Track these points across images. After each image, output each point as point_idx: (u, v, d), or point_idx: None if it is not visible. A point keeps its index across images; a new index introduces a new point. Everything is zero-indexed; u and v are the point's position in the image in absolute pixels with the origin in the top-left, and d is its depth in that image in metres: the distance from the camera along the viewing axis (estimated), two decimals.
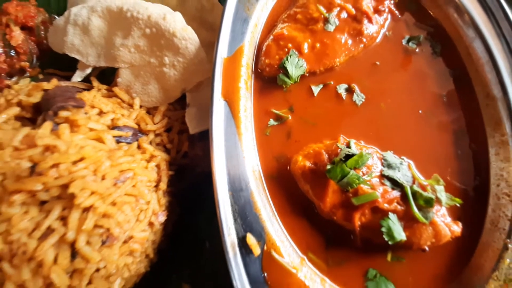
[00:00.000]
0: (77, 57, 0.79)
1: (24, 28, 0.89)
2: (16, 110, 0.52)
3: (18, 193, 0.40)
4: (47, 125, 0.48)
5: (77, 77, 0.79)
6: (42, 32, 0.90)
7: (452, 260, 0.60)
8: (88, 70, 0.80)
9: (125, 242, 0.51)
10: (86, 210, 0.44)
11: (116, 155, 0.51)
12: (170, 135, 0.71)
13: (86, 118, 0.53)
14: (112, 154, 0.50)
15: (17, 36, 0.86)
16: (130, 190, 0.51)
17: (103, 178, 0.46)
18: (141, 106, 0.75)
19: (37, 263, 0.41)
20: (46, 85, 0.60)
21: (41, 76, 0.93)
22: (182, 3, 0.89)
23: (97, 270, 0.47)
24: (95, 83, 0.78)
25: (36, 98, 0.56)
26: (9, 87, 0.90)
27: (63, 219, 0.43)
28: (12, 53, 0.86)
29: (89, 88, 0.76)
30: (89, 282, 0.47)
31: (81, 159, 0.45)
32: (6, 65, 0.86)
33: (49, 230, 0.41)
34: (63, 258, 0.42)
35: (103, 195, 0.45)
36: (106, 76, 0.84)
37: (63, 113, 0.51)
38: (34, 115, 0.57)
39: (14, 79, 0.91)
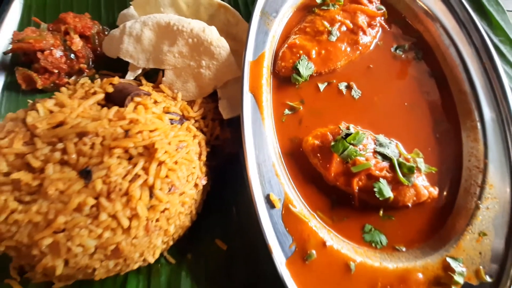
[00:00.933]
0: (130, 60, 1.00)
1: (81, 36, 1.11)
2: (101, 96, 0.70)
3: (116, 148, 0.58)
4: (132, 105, 0.66)
5: (130, 76, 0.99)
6: (97, 41, 1.12)
7: (433, 218, 0.75)
8: (139, 71, 1.00)
9: (180, 194, 0.67)
10: (160, 164, 0.61)
11: (175, 129, 0.69)
12: (205, 121, 0.89)
13: (152, 103, 0.72)
14: (173, 129, 0.68)
15: (77, 42, 1.06)
16: (185, 155, 0.68)
17: (169, 143, 0.64)
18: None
19: (127, 198, 0.57)
20: (113, 80, 0.78)
21: (96, 76, 1.14)
22: (212, 18, 1.10)
23: (163, 211, 0.64)
24: (144, 81, 0.97)
25: (110, 89, 0.74)
26: (68, 84, 1.11)
27: (145, 170, 0.60)
28: (72, 56, 1.07)
29: (139, 85, 0.95)
30: (157, 220, 0.64)
31: (155, 129, 0.63)
32: (66, 66, 1.07)
33: (136, 176, 0.58)
34: (145, 196, 0.58)
35: (170, 155, 0.63)
36: (149, 76, 1.04)
37: (137, 99, 0.70)
38: (106, 102, 0.76)
39: (73, 78, 1.12)
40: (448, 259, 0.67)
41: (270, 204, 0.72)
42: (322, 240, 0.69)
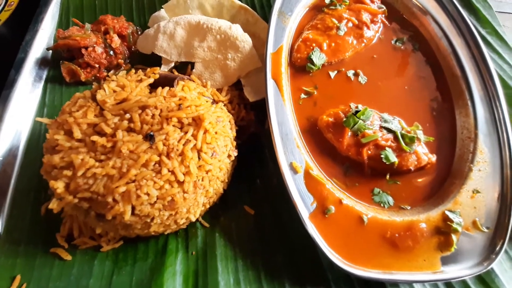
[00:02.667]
0: (163, 55, 1.14)
1: (118, 35, 1.25)
2: (151, 80, 0.83)
3: (172, 118, 0.71)
4: (180, 85, 0.79)
5: (164, 68, 1.13)
6: (131, 39, 1.26)
7: (433, 181, 0.88)
8: (171, 65, 1.14)
9: (218, 161, 0.80)
10: (205, 132, 0.74)
11: (213, 107, 0.82)
12: (232, 105, 1.02)
13: (193, 85, 0.85)
14: (211, 106, 0.81)
15: (116, 40, 1.21)
16: (222, 128, 0.81)
17: (210, 116, 0.77)
18: None
19: (182, 158, 0.70)
20: (156, 69, 0.92)
21: (132, 70, 1.27)
22: (233, 18, 1.25)
23: (207, 172, 0.76)
24: (176, 73, 1.11)
25: (156, 77, 0.88)
26: (108, 77, 1.25)
27: (194, 136, 0.73)
28: (111, 53, 1.21)
29: None
30: (202, 179, 0.76)
31: (200, 105, 0.76)
32: (106, 61, 1.21)
33: (187, 140, 0.71)
34: (195, 157, 0.71)
35: (213, 125, 0.76)
36: (179, 69, 1.17)
37: (181, 82, 0.83)
38: (150, 87, 0.89)
39: (111, 72, 1.25)
40: (447, 212, 0.79)
41: (293, 170, 0.85)
42: (339, 198, 0.81)
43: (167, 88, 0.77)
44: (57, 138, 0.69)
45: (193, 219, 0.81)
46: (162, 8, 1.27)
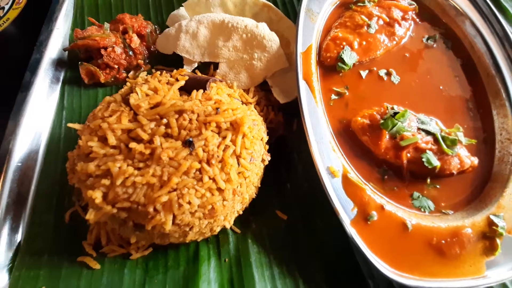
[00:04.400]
0: (185, 55, 1.10)
1: (137, 35, 1.21)
2: (182, 83, 0.80)
3: (211, 123, 0.68)
4: (215, 89, 0.76)
5: (187, 69, 1.09)
6: (150, 39, 1.22)
7: (473, 185, 0.85)
8: (195, 65, 1.10)
9: (255, 166, 0.77)
10: (244, 137, 0.71)
11: (249, 110, 0.79)
12: (260, 107, 0.99)
13: (225, 87, 0.82)
14: (247, 109, 0.78)
15: (136, 40, 1.17)
16: (257, 132, 0.78)
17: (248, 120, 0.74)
18: None
19: (222, 165, 0.67)
20: (184, 71, 0.88)
21: (153, 71, 1.23)
22: (256, 16, 1.21)
23: (245, 178, 0.73)
24: (199, 73, 1.07)
25: (185, 78, 0.84)
26: (128, 77, 1.21)
27: (232, 141, 0.69)
28: (130, 53, 1.17)
29: None
30: (240, 186, 0.73)
31: (237, 108, 0.73)
32: (126, 62, 1.17)
33: (227, 146, 0.68)
34: (235, 163, 0.68)
35: (251, 129, 0.72)
36: (201, 70, 1.14)
37: (213, 84, 0.80)
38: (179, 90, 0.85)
39: (131, 73, 1.22)
40: (491, 217, 0.76)
41: (330, 175, 0.81)
42: (380, 204, 0.78)
43: (201, 91, 0.74)
44: (91, 144, 0.65)
45: (228, 226, 0.78)
46: (182, 6, 1.23)
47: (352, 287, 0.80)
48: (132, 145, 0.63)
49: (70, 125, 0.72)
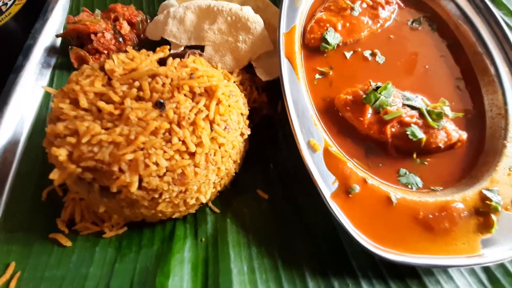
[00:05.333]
0: (173, 40, 1.12)
1: (128, 23, 1.24)
2: (162, 54, 0.80)
3: (184, 86, 0.67)
4: (192, 57, 0.76)
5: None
6: (141, 27, 1.25)
7: (464, 161, 0.81)
8: (181, 49, 1.11)
9: (231, 136, 0.74)
10: (218, 103, 0.69)
11: (226, 81, 0.78)
12: (244, 86, 0.98)
13: (204, 60, 0.82)
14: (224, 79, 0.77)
15: (126, 27, 1.20)
16: (235, 103, 0.76)
17: (224, 87, 0.73)
18: None
19: (193, 128, 0.65)
20: (166, 47, 0.89)
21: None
22: (243, 4, 1.23)
23: (219, 146, 0.71)
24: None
25: (166, 53, 0.84)
26: None
27: (206, 107, 0.68)
28: (120, 39, 1.20)
29: None
30: (214, 154, 0.70)
31: (213, 76, 0.72)
32: (115, 47, 1.20)
33: (199, 110, 0.66)
34: (207, 128, 0.66)
35: (226, 97, 0.71)
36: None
37: (192, 56, 0.80)
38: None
39: None
40: (484, 191, 0.71)
41: (311, 149, 0.79)
42: (363, 178, 0.74)
43: (178, 59, 0.74)
44: (62, 106, 0.65)
45: (204, 200, 0.75)
46: None
47: (335, 267, 0.74)
48: (101, 104, 0.62)
49: (44, 87, 0.72)
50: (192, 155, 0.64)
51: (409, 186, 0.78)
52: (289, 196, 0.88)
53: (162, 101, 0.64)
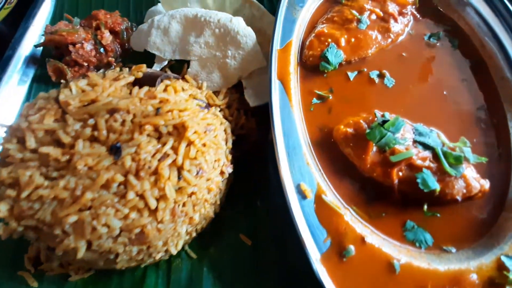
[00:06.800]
0: (156, 53, 1.00)
1: (111, 32, 1.14)
2: (131, 78, 0.69)
3: (146, 125, 0.56)
4: (162, 86, 0.65)
5: (156, 67, 0.99)
6: (125, 36, 1.15)
7: (484, 215, 0.67)
8: (165, 63, 1.00)
9: (207, 180, 0.64)
10: (189, 144, 0.59)
11: (203, 112, 0.66)
12: (231, 110, 0.87)
13: (180, 85, 0.70)
14: (201, 111, 0.66)
15: (107, 37, 1.09)
16: (213, 139, 0.65)
17: (198, 124, 0.61)
18: None
19: (155, 178, 0.54)
20: (142, 67, 0.78)
21: (117, 68, 1.15)
22: (237, 12, 1.10)
23: (190, 195, 0.60)
24: (169, 72, 0.97)
25: (139, 75, 0.74)
26: None
27: (174, 149, 0.57)
28: (101, 50, 1.10)
29: None
30: (184, 205, 0.60)
31: (185, 109, 0.61)
32: (96, 60, 1.10)
33: (165, 155, 0.56)
34: (173, 177, 0.55)
35: (199, 135, 0.60)
36: (174, 69, 1.04)
37: (167, 81, 0.69)
38: (134, 86, 0.75)
39: (101, 71, 1.14)
40: (503, 258, 0.58)
41: (301, 194, 0.67)
42: (361, 235, 0.62)
43: (145, 88, 0.63)
44: (9, 147, 0.55)
45: (174, 252, 0.65)
46: (159, 2, 1.15)
47: None
48: (47, 149, 0.52)
49: None
50: (152, 211, 0.54)
51: (417, 244, 0.65)
52: (277, 241, 0.77)
53: (119, 145, 0.53)
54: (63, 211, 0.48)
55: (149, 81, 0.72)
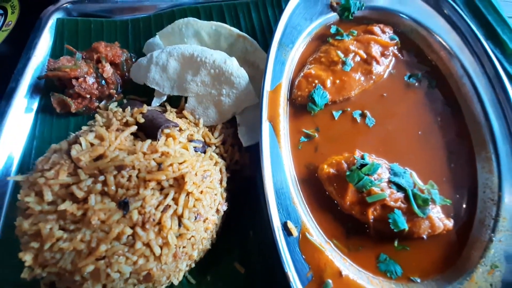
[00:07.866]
0: (156, 88, 1.07)
1: (111, 63, 1.20)
2: (134, 128, 0.76)
3: (151, 181, 0.64)
4: (163, 139, 0.73)
5: (156, 102, 1.06)
6: (125, 67, 1.20)
7: (448, 250, 0.76)
8: (164, 98, 1.07)
9: (204, 221, 0.72)
10: (188, 195, 0.67)
11: (200, 159, 0.74)
12: (225, 147, 0.94)
13: (179, 134, 0.78)
14: (198, 158, 0.74)
15: (108, 70, 1.15)
16: (209, 184, 0.73)
17: (195, 174, 0.69)
18: None
19: (159, 228, 0.63)
20: (143, 110, 0.85)
21: (124, 101, 1.22)
22: (231, 47, 1.16)
23: (189, 238, 0.69)
24: (168, 107, 1.04)
25: (141, 120, 0.81)
26: (99, 108, 1.20)
27: (174, 200, 0.65)
28: (103, 82, 1.16)
29: (164, 111, 1.02)
30: (184, 247, 0.69)
31: (184, 161, 0.69)
32: (98, 92, 1.16)
33: (167, 206, 0.64)
34: (174, 225, 0.64)
35: (197, 185, 0.68)
36: (173, 101, 1.10)
37: (166, 130, 0.76)
38: (137, 131, 0.82)
39: (103, 103, 1.20)
40: None
41: (287, 231, 0.76)
42: (338, 270, 0.71)
43: (148, 142, 0.70)
44: (28, 200, 0.63)
45: (176, 283, 0.74)
46: (157, 34, 1.21)
47: None
48: (64, 205, 0.60)
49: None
50: (157, 257, 0.62)
51: (388, 275, 0.75)
52: (267, 269, 0.86)
53: (127, 200, 0.61)
54: (81, 262, 0.57)
55: (151, 127, 0.79)
